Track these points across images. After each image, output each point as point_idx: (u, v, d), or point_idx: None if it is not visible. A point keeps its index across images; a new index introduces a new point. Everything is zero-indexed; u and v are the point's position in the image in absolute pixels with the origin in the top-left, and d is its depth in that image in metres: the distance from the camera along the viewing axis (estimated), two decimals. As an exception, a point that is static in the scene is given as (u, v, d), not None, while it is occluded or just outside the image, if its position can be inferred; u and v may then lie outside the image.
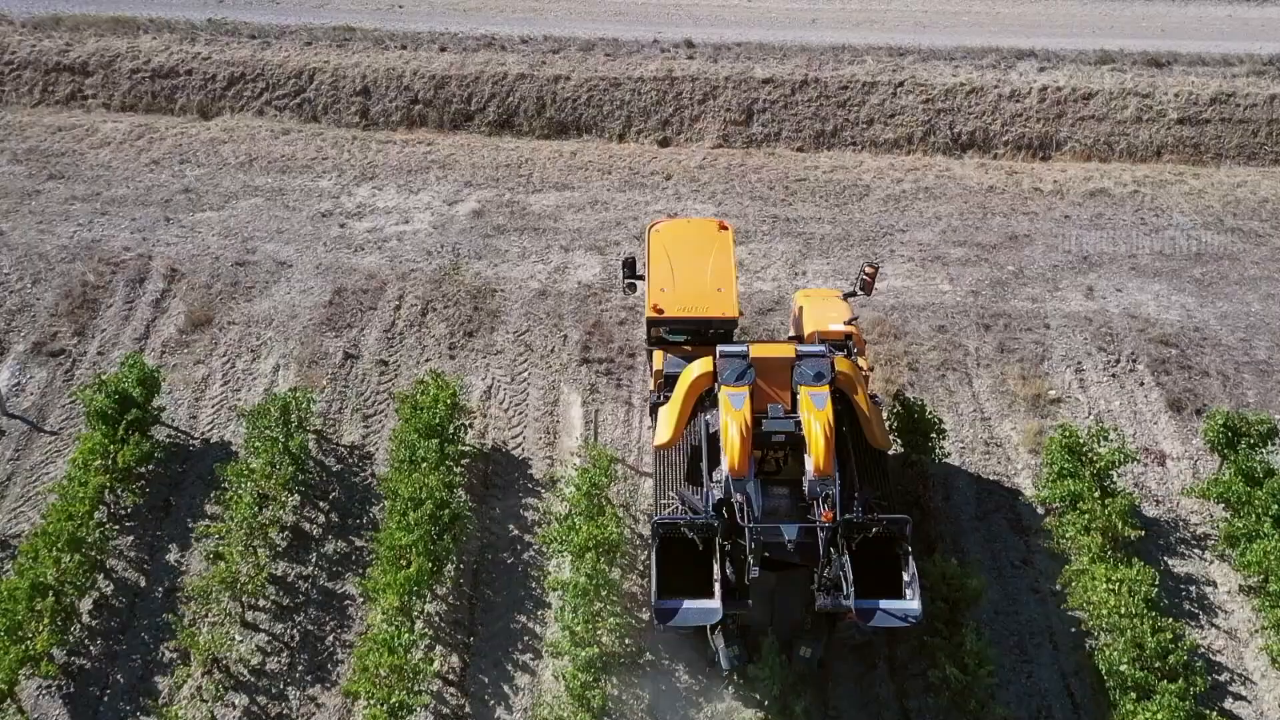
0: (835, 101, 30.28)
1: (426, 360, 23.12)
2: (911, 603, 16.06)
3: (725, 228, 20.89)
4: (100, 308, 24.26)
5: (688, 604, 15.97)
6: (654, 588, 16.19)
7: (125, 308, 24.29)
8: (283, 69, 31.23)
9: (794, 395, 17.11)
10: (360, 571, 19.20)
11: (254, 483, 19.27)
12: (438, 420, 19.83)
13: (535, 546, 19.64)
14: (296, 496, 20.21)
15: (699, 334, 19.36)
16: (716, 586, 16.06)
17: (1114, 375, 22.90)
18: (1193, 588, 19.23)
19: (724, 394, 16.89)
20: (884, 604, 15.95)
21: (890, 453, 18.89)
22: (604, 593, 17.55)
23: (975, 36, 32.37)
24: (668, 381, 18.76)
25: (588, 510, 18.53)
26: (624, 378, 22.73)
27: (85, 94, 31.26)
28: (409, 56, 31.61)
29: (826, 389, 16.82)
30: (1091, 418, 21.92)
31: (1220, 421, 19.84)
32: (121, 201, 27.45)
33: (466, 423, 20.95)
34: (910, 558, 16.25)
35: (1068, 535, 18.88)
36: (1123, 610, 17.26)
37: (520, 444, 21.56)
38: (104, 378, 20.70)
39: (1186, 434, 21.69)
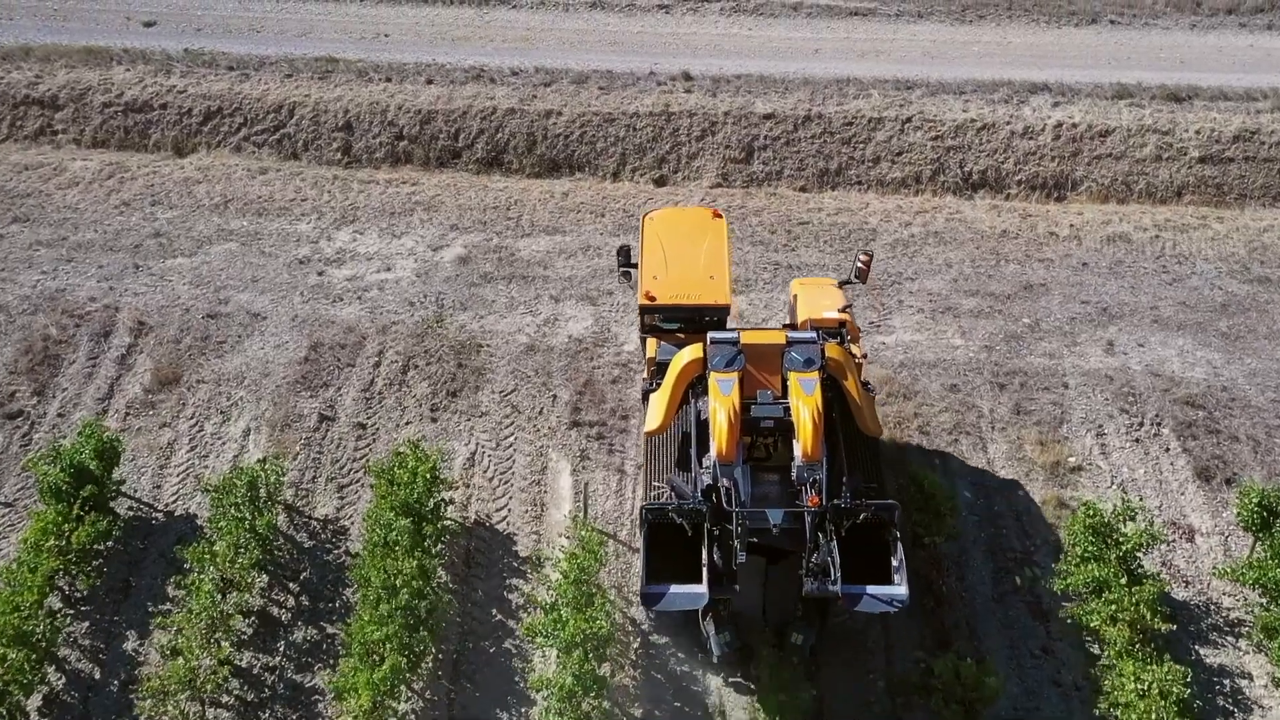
0: (840, 138, 28.86)
1: (407, 423, 21.76)
2: (899, 588, 15.93)
3: (719, 216, 20.81)
4: (62, 364, 22.89)
5: (674, 588, 15.97)
6: (642, 573, 16.09)
7: (89, 364, 22.91)
8: (261, 103, 29.82)
9: (784, 381, 17.09)
10: (331, 662, 17.89)
11: (216, 567, 17.91)
12: (415, 498, 18.47)
13: (519, 634, 18.28)
14: (265, 577, 18.90)
15: (692, 321, 19.24)
16: (704, 571, 15.99)
17: (1137, 440, 21.51)
18: (1227, 680, 17.92)
19: (714, 380, 16.90)
20: (871, 589, 15.87)
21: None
22: (593, 694, 16.24)
23: (986, 69, 30.93)
24: (660, 369, 18.68)
25: (575, 600, 17.19)
26: (616, 442, 21.37)
27: (54, 129, 29.88)
28: (394, 90, 30.20)
29: (816, 375, 16.87)
30: (1114, 488, 20.56)
31: (1254, 500, 18.47)
32: (89, 247, 26.06)
33: (447, 498, 19.57)
34: (899, 543, 16.17)
35: (1092, 625, 17.55)
36: (1154, 716, 15.97)
37: (505, 517, 20.20)
38: (59, 448, 19.33)
39: (1216, 505, 20.33)
